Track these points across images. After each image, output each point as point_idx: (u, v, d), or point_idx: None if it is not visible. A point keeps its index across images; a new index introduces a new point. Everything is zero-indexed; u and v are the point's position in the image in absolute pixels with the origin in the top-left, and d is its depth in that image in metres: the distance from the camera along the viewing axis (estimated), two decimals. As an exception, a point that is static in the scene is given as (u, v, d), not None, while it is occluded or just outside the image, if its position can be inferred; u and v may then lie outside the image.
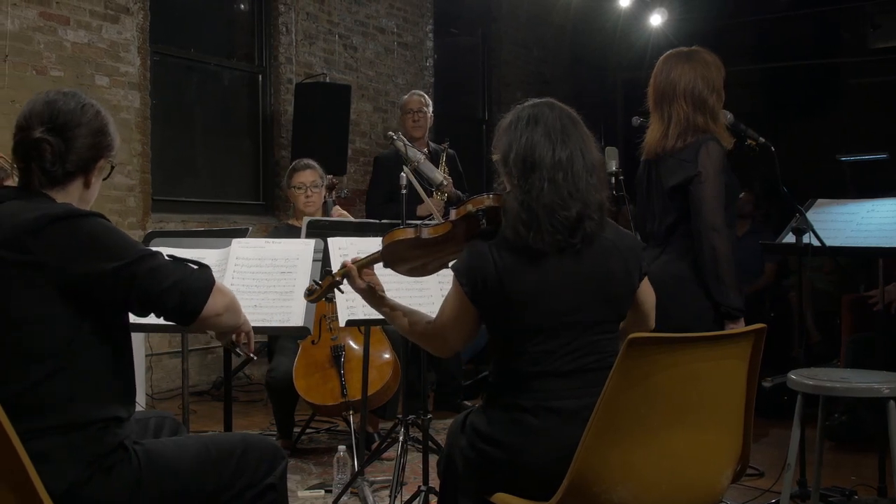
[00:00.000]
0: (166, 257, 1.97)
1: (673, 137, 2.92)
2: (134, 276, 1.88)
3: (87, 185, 2.03)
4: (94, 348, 1.92)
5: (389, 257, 2.36)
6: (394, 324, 2.39)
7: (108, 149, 2.05)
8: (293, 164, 4.72)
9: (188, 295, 1.93)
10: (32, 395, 1.85)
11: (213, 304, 1.97)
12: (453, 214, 2.27)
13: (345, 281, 2.42)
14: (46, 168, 1.95)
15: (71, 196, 2.00)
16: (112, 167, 2.10)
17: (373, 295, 2.40)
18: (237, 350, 2.28)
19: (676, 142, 2.91)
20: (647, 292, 2.31)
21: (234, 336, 2.26)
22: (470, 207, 2.23)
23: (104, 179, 2.10)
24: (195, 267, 2.00)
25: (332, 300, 2.53)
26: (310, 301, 2.54)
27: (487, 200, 2.21)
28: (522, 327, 2.10)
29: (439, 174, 3.46)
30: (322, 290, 2.45)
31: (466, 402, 5.33)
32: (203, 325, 2.02)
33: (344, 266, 2.40)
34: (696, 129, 2.91)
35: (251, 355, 2.32)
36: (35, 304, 1.85)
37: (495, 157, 2.24)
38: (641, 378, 1.84)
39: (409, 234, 2.31)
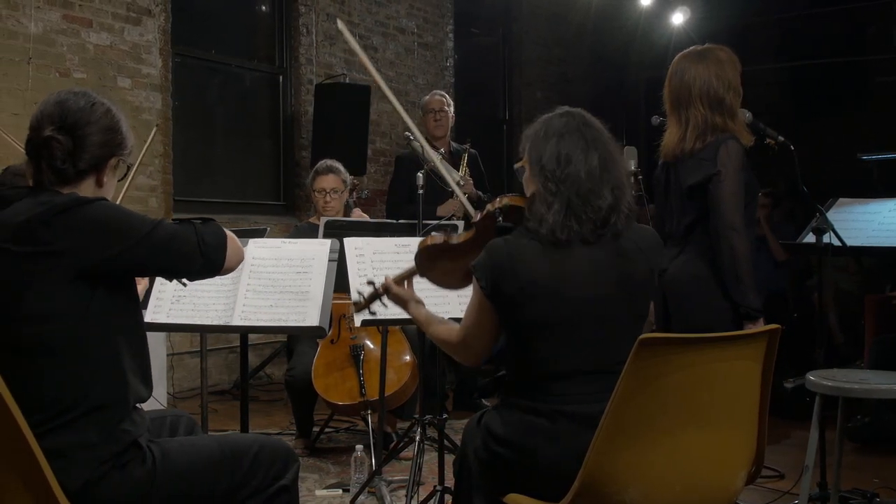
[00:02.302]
0: (174, 222, 2.05)
1: (691, 140, 2.89)
2: (153, 249, 1.96)
3: (99, 183, 2.04)
4: (104, 331, 1.94)
5: (424, 265, 2.44)
6: (429, 334, 2.44)
7: (120, 147, 2.07)
8: (317, 165, 4.69)
9: (209, 253, 2.05)
10: (47, 383, 1.88)
11: (231, 253, 2.11)
12: (477, 217, 2.34)
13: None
14: (57, 166, 1.97)
15: (83, 194, 2.00)
16: (128, 167, 2.13)
17: (411, 307, 2.49)
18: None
19: (695, 144, 2.88)
20: None
21: None
22: (489, 207, 2.30)
23: (120, 180, 2.12)
24: (202, 223, 2.08)
25: (375, 313, 2.61)
26: (356, 312, 2.65)
27: (505, 199, 2.26)
28: (534, 321, 2.09)
29: (456, 174, 3.47)
30: (366, 302, 2.58)
31: (485, 402, 5.34)
32: (225, 273, 2.16)
33: (385, 279, 2.52)
34: (715, 128, 2.88)
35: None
36: (50, 296, 1.87)
37: (519, 165, 2.27)
38: (653, 379, 1.83)
39: (438, 239, 2.38)
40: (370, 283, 2.58)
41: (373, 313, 2.62)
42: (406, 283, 2.53)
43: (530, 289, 2.07)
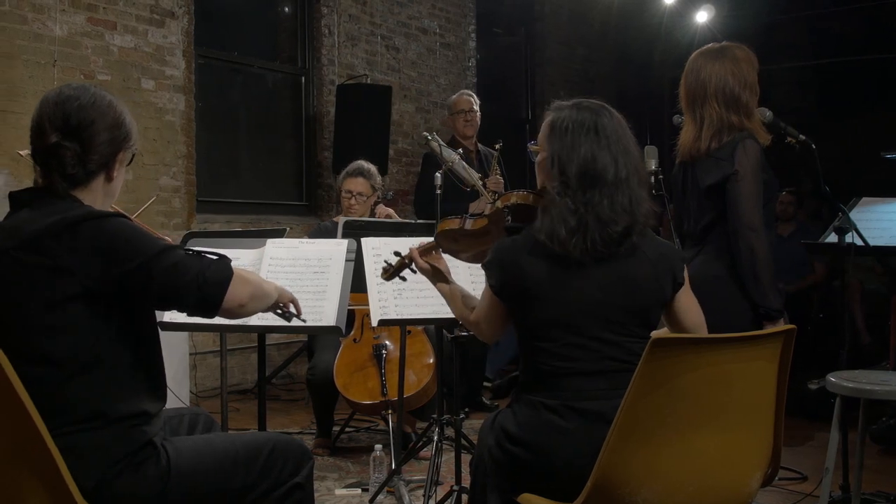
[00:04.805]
0: (184, 251, 1.96)
1: (706, 139, 2.86)
2: (151, 274, 1.88)
3: (109, 179, 2.03)
4: (120, 346, 1.93)
5: (443, 243, 2.52)
6: (449, 305, 2.50)
7: (126, 140, 2.04)
8: (349, 165, 4.70)
9: (206, 289, 1.92)
10: (62, 393, 1.87)
11: (233, 295, 1.95)
12: (488, 209, 2.39)
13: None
14: (67, 172, 1.94)
15: (95, 193, 2.00)
16: (133, 155, 2.09)
17: (436, 275, 2.53)
18: (284, 315, 2.33)
19: (710, 143, 2.85)
20: (687, 306, 2.24)
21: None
22: (498, 204, 2.33)
23: (127, 165, 2.09)
24: (214, 258, 1.98)
25: (405, 279, 2.67)
26: (385, 279, 2.71)
27: (514, 198, 2.28)
28: (541, 320, 2.10)
29: (474, 174, 3.47)
30: (394, 269, 2.64)
31: (486, 402, 5.38)
32: (233, 316, 2.01)
33: (409, 250, 2.57)
34: (731, 127, 2.84)
35: (301, 318, 2.36)
36: (57, 307, 1.85)
37: (541, 157, 2.22)
38: (666, 379, 1.81)
39: (455, 224, 2.45)
40: (396, 253, 2.63)
41: (403, 279, 2.67)
42: (434, 252, 2.55)
43: (536, 290, 2.09)
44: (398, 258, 2.61)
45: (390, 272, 2.64)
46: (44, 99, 1.99)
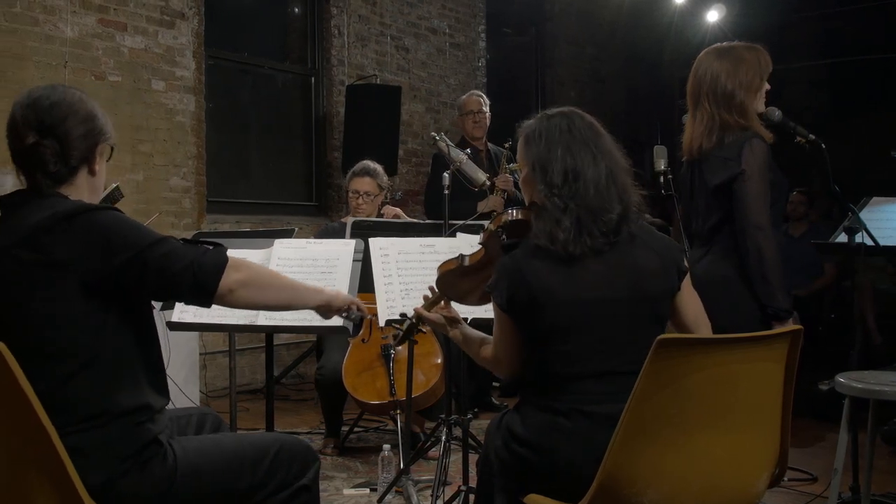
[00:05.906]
0: (178, 241, 1.98)
1: (699, 137, 2.85)
2: (146, 263, 1.89)
3: (91, 172, 2.04)
4: (120, 342, 1.94)
5: (446, 290, 2.47)
6: (467, 351, 2.46)
7: (102, 133, 2.05)
8: (356, 165, 4.72)
9: (200, 275, 1.93)
10: (63, 391, 1.88)
11: (227, 281, 1.96)
12: (482, 237, 2.35)
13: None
14: (50, 170, 1.96)
15: (80, 188, 2.01)
16: (112, 148, 2.10)
17: (449, 324, 2.48)
18: (351, 318, 2.37)
19: (703, 141, 2.84)
20: (688, 298, 2.25)
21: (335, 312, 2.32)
22: (491, 227, 2.31)
23: (108, 160, 2.10)
24: (209, 247, 1.99)
25: (416, 342, 2.64)
26: (397, 346, 2.64)
27: (506, 217, 2.27)
28: (550, 326, 2.08)
29: (482, 174, 3.47)
30: (405, 333, 2.60)
31: (494, 401, 5.38)
32: (225, 303, 2.02)
33: (415, 310, 2.52)
34: (726, 126, 2.83)
35: (365, 315, 2.39)
36: (56, 304, 1.87)
37: (524, 172, 2.24)
38: (672, 379, 1.81)
39: (452, 265, 2.40)
40: (403, 315, 2.60)
41: (414, 342, 2.63)
42: (443, 303, 2.51)
43: (544, 297, 2.08)
44: (406, 321, 2.57)
45: (400, 337, 2.60)
46: (14, 103, 2.00)
